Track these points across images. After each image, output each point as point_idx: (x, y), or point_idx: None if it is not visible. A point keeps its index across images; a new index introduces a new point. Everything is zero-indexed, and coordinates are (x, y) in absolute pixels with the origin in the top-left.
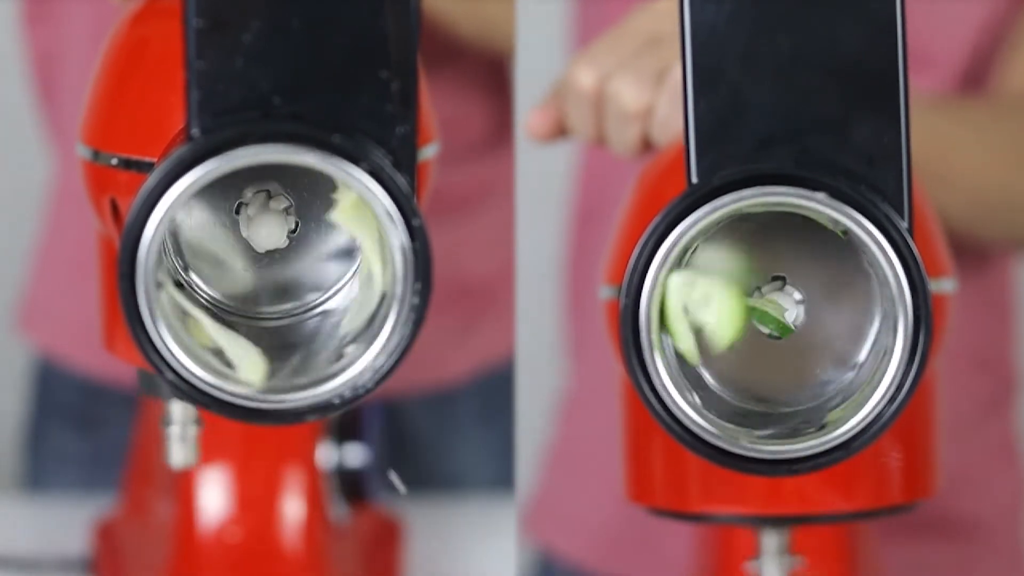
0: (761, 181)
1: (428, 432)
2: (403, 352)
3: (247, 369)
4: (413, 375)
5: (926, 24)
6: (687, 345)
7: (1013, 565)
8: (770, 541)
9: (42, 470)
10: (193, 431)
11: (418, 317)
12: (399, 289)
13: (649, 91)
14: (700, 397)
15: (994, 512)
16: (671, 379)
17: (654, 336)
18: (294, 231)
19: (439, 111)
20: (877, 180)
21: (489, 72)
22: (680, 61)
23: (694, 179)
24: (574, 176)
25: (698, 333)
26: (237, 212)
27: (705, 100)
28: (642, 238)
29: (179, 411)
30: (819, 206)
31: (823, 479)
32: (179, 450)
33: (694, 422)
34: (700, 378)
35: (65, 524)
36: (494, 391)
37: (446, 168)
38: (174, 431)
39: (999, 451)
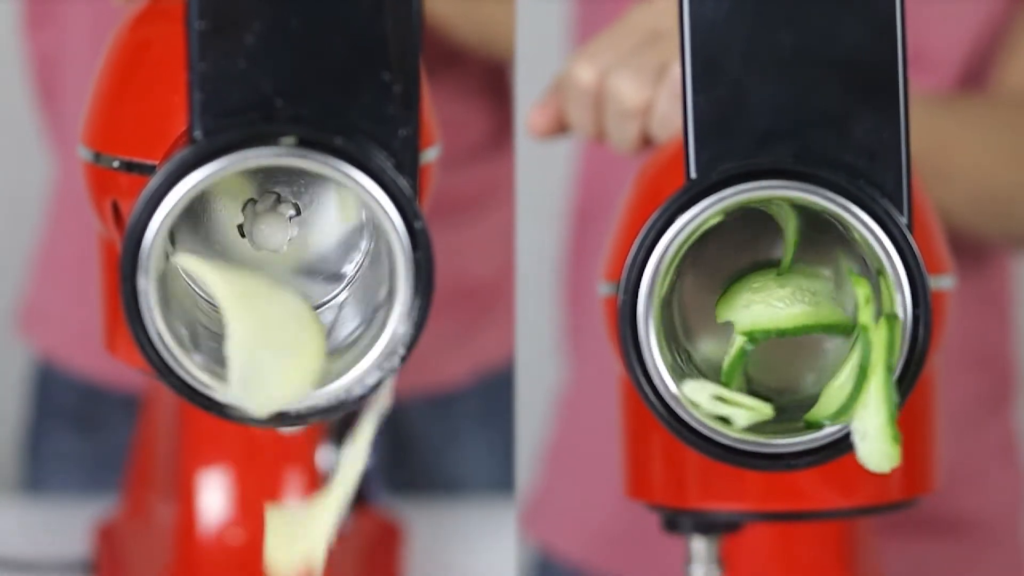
0: (760, 176)
1: (428, 434)
2: (405, 353)
3: None
4: (413, 377)
5: (924, 24)
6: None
7: (1013, 562)
8: (699, 547)
9: (42, 472)
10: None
11: (419, 319)
12: (401, 291)
13: (649, 87)
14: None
15: (993, 509)
16: (669, 375)
17: (652, 332)
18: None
19: (440, 114)
20: (876, 176)
21: (489, 75)
22: (680, 57)
23: (693, 174)
24: (573, 173)
25: None
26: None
27: (704, 95)
28: (640, 234)
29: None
30: (818, 201)
31: (822, 475)
32: None
33: (693, 418)
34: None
35: (65, 526)
36: (494, 393)
37: (447, 171)
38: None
39: (998, 448)
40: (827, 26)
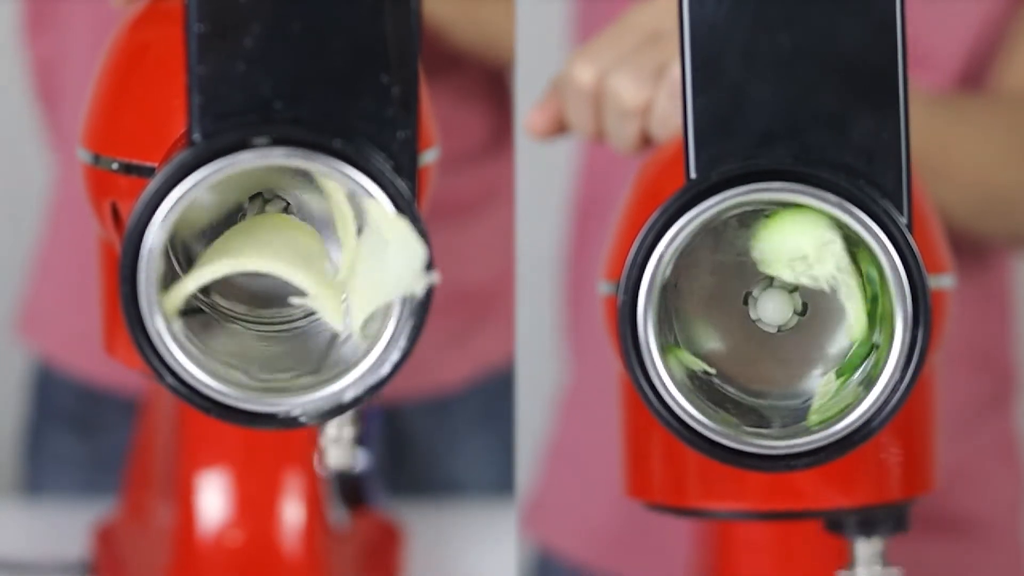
0: (760, 177)
1: (427, 436)
2: (404, 356)
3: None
4: (412, 379)
5: (924, 23)
6: None
7: (1013, 562)
8: (863, 550)
9: (41, 474)
10: (349, 432)
11: (418, 321)
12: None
13: (648, 87)
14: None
15: (993, 509)
16: (669, 375)
17: (652, 332)
18: None
19: (439, 116)
20: (876, 176)
21: (489, 77)
22: (679, 57)
23: (692, 175)
24: (573, 173)
25: None
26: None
27: (704, 96)
28: (640, 234)
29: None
30: (818, 202)
31: (822, 475)
32: (336, 453)
33: (693, 418)
34: (695, 373)
35: (64, 528)
36: (493, 395)
37: (446, 173)
38: (329, 433)
39: (998, 448)
40: (827, 26)
